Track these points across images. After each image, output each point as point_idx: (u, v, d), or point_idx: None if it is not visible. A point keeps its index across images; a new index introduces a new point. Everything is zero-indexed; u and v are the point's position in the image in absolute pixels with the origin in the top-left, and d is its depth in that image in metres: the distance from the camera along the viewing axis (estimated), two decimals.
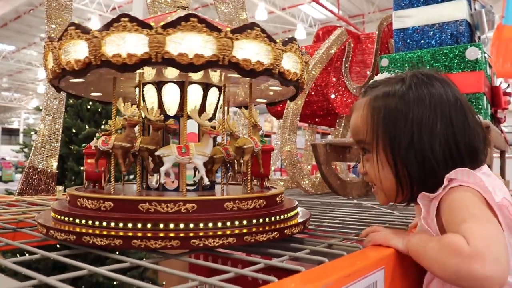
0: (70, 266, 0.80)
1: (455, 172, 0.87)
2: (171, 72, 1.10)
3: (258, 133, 1.19)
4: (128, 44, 0.89)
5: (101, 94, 1.34)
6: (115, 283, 3.03)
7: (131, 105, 1.11)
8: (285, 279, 0.67)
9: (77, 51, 0.94)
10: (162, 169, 1.03)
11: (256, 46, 0.95)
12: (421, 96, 0.93)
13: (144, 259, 2.86)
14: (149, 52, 0.89)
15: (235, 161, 1.18)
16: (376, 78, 1.04)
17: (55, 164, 2.06)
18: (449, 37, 2.32)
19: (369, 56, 3.33)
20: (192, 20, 0.89)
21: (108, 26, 0.90)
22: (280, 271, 0.94)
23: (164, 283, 3.28)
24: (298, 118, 2.69)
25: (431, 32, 2.38)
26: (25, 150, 3.66)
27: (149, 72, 1.11)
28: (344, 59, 3.05)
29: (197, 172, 1.10)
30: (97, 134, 1.20)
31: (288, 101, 2.61)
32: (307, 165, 3.75)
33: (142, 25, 0.89)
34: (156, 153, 1.05)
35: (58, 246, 0.97)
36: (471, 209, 0.82)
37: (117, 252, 0.93)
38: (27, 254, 0.93)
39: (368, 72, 3.22)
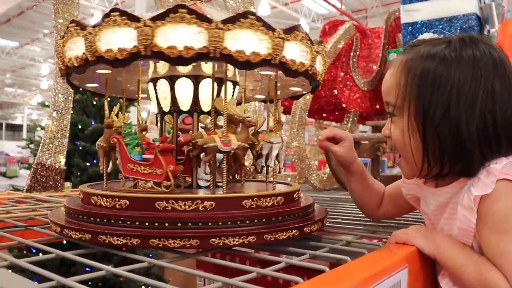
0: (77, 263, 0.78)
1: (504, 165, 0.79)
2: (184, 67, 1.08)
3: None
4: (120, 38, 0.88)
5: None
6: (121, 279, 3.02)
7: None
8: (311, 279, 0.65)
9: (76, 48, 0.94)
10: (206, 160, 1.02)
11: (251, 36, 0.90)
12: (465, 62, 0.83)
13: (150, 255, 2.85)
14: (138, 46, 0.87)
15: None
16: (421, 37, 0.97)
17: (63, 160, 2.05)
18: (458, 31, 2.29)
19: (375, 50, 3.30)
20: (181, 11, 0.86)
21: (100, 22, 0.90)
22: (301, 270, 0.92)
23: (170, 279, 3.28)
24: (307, 114, 2.67)
25: (440, 26, 2.35)
26: (30, 146, 3.65)
27: (162, 67, 1.08)
28: (351, 54, 3.02)
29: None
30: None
31: None
32: (313, 160, 3.74)
33: (131, 18, 0.87)
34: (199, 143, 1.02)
35: (65, 243, 0.95)
36: None
37: (124, 249, 0.91)
38: (34, 251, 0.91)
39: (374, 67, 3.19)
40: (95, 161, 3.27)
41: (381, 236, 1.10)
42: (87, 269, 2.78)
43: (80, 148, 3.30)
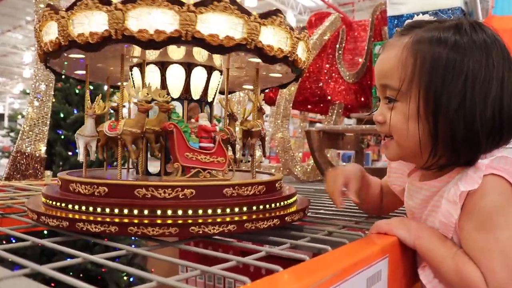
0: (59, 253, 0.76)
1: (491, 160, 0.78)
2: (176, 53, 1.06)
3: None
4: (91, 22, 0.87)
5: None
6: (103, 270, 2.99)
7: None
8: (290, 268, 0.64)
9: (51, 32, 0.93)
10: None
11: (225, 19, 0.88)
12: (478, 48, 0.78)
13: (133, 245, 2.83)
14: (109, 30, 0.85)
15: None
16: (416, 18, 0.89)
17: (43, 148, 2.01)
18: None
19: (361, 43, 3.30)
20: None
21: (72, 6, 0.89)
22: (282, 260, 0.91)
23: (153, 270, 3.26)
24: (291, 105, 2.66)
25: None
26: (11, 134, 3.58)
27: (151, 52, 1.06)
28: (337, 46, 3.02)
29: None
30: None
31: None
32: (297, 152, 3.74)
33: (103, 2, 0.86)
34: None
35: (45, 232, 0.93)
36: (498, 230, 0.76)
37: (106, 239, 0.89)
38: (14, 241, 0.89)
39: (360, 60, 3.20)
40: (77, 150, 3.23)
41: (364, 227, 1.09)
42: (69, 258, 2.75)
43: (62, 137, 3.25)
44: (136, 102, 0.99)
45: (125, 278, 3.19)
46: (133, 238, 2.47)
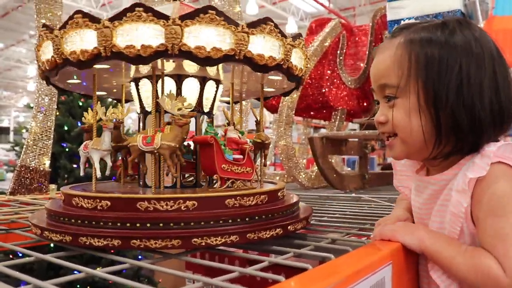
0: (66, 268, 0.76)
1: (498, 147, 0.79)
2: (167, 66, 1.07)
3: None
4: (83, 40, 0.88)
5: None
6: (110, 282, 2.99)
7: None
8: (293, 277, 0.64)
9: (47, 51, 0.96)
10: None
11: (211, 31, 0.88)
12: (468, 45, 0.81)
13: (139, 256, 2.83)
14: (98, 47, 0.87)
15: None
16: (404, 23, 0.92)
17: (47, 162, 2.02)
18: None
19: (362, 48, 3.30)
20: (138, 10, 0.85)
21: (64, 25, 0.90)
22: (285, 269, 0.91)
23: (160, 280, 3.26)
24: (294, 112, 2.66)
25: None
26: (16, 148, 3.60)
27: (144, 66, 1.07)
28: (338, 52, 3.02)
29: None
30: None
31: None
32: (302, 159, 3.73)
33: (92, 20, 0.88)
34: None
35: (52, 246, 0.94)
36: (510, 214, 0.76)
37: (112, 252, 0.89)
38: (20, 255, 0.89)
39: (361, 65, 3.20)
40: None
41: (368, 234, 1.09)
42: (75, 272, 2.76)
43: (67, 150, 3.26)
44: (174, 116, 0.99)
45: None
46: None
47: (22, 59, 18.04)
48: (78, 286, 2.95)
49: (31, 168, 1.98)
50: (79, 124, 3.34)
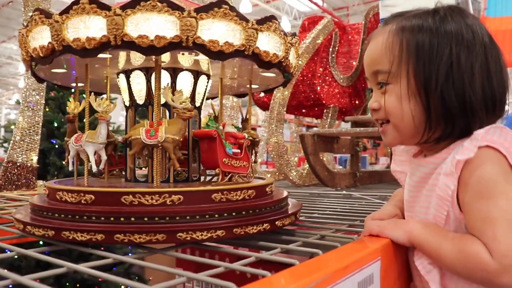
0: (53, 265, 0.74)
1: (487, 129, 0.79)
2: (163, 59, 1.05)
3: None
4: (89, 27, 0.86)
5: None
6: (100, 279, 2.97)
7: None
8: (279, 273, 0.63)
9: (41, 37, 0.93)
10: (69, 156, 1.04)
11: (224, 26, 0.88)
12: (459, 31, 0.82)
13: (130, 254, 2.81)
14: (108, 35, 0.85)
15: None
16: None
17: (35, 158, 1.99)
18: None
19: (355, 47, 3.30)
20: (153, 0, 0.84)
21: (67, 10, 0.88)
22: (272, 265, 0.90)
23: (150, 278, 3.23)
24: (285, 109, 2.65)
25: None
26: (5, 145, 3.56)
27: (136, 58, 1.05)
28: (330, 49, 3.01)
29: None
30: None
31: (274, 92, 2.57)
32: (294, 157, 3.72)
33: (101, 6, 0.85)
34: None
35: (41, 243, 0.92)
36: (498, 197, 0.75)
37: (102, 249, 0.87)
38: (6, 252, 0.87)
39: (354, 63, 3.19)
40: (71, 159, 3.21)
41: (357, 230, 1.08)
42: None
43: (56, 146, 3.23)
44: (178, 108, 0.98)
45: (122, 287, 3.17)
46: (129, 247, 2.45)
47: (13, 55, 17.89)
48: (67, 284, 2.92)
49: (18, 164, 1.95)
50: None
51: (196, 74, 1.14)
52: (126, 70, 1.13)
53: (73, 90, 1.28)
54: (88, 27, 0.85)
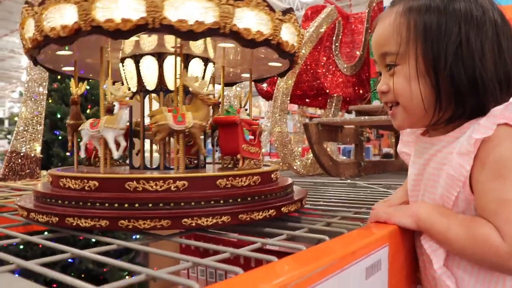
0: (57, 251, 0.74)
1: (505, 106, 0.75)
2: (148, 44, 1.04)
3: None
4: (63, 16, 0.85)
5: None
6: (105, 270, 2.97)
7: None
8: (285, 258, 0.62)
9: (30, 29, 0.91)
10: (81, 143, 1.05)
11: (194, 4, 0.84)
12: (468, 9, 0.80)
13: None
14: (78, 22, 0.83)
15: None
16: None
17: (38, 148, 1.99)
18: None
19: (358, 36, 3.27)
20: None
21: (44, 0, 0.86)
22: (278, 251, 0.89)
23: (155, 268, 3.24)
24: (289, 99, 2.63)
25: None
26: (9, 136, 3.56)
27: (127, 46, 1.04)
28: (334, 38, 2.99)
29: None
30: None
31: (278, 81, 2.55)
32: (297, 147, 3.71)
33: None
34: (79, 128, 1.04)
35: (46, 233, 0.91)
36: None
37: (108, 236, 0.87)
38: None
39: (357, 53, 3.17)
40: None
41: (364, 217, 1.07)
42: (70, 259, 2.74)
43: (60, 137, 3.22)
44: (202, 95, 0.98)
45: (127, 277, 3.17)
46: (134, 236, 2.45)
47: (16, 49, 17.88)
48: (72, 274, 2.93)
49: (22, 154, 1.95)
50: None
51: (206, 61, 1.13)
52: (135, 55, 1.10)
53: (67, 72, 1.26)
54: (62, 15, 0.83)
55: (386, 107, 0.90)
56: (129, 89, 1.04)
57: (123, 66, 1.13)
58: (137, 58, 1.10)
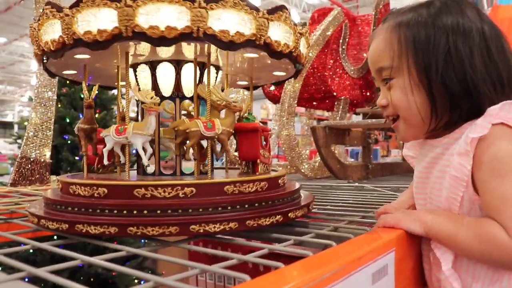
0: (68, 258, 0.75)
1: (501, 105, 0.77)
2: (166, 51, 1.05)
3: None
4: (99, 20, 0.86)
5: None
6: (113, 274, 2.99)
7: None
8: (292, 264, 0.62)
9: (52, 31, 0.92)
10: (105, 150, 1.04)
11: (235, 15, 0.88)
12: (455, 20, 0.83)
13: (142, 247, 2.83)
14: (119, 27, 0.84)
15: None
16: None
17: (48, 153, 2.01)
18: None
19: (365, 38, 3.27)
20: None
21: (77, 3, 0.87)
22: (285, 257, 0.89)
23: (163, 272, 3.25)
24: (296, 102, 2.63)
25: None
26: (19, 141, 3.60)
27: (142, 51, 1.05)
28: (341, 41, 2.99)
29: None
30: None
31: (285, 85, 2.56)
32: (305, 150, 3.71)
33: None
34: (100, 135, 1.06)
35: (55, 238, 0.92)
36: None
37: (115, 243, 0.88)
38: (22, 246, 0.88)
39: (364, 55, 3.17)
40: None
41: (371, 222, 1.07)
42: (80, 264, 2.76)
43: (69, 142, 3.25)
44: (229, 103, 1.03)
45: (135, 281, 3.19)
46: (142, 241, 2.47)
47: (26, 53, 18.04)
48: (81, 278, 2.95)
49: (31, 159, 1.97)
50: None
51: (217, 68, 1.16)
52: (151, 62, 1.12)
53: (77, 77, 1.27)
54: (99, 19, 0.85)
55: (389, 121, 0.93)
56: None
57: (135, 72, 1.14)
58: (153, 64, 1.11)
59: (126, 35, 0.84)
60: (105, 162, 1.08)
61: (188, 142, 1.01)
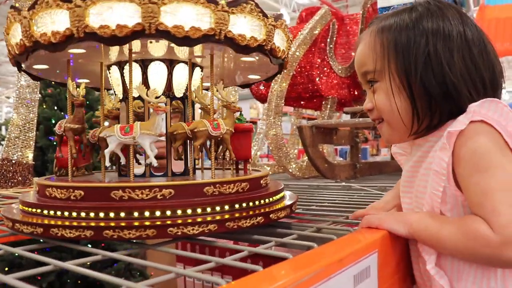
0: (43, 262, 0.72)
1: (482, 102, 0.78)
2: (157, 50, 1.03)
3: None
4: (54, 21, 0.84)
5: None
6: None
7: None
8: (272, 266, 0.61)
9: (16, 34, 0.89)
10: (107, 151, 1.00)
11: (190, 10, 0.85)
12: (435, 24, 0.84)
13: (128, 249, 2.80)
14: (71, 28, 0.82)
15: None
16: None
17: (30, 155, 1.98)
18: None
19: (353, 37, 3.27)
20: None
21: (33, 5, 0.85)
22: (266, 259, 0.88)
23: (152, 273, 3.22)
24: (283, 101, 2.62)
25: None
26: (2, 142, 3.55)
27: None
28: (328, 40, 2.98)
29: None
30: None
31: (272, 84, 2.54)
32: (293, 149, 3.69)
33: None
34: (101, 135, 1.01)
35: (41, 241, 0.89)
36: (494, 169, 0.74)
37: (103, 245, 0.85)
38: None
39: (352, 54, 3.16)
40: None
41: (355, 222, 1.06)
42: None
43: (55, 143, 3.21)
44: (230, 103, 1.05)
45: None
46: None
47: None
48: (68, 281, 2.91)
49: (13, 161, 1.94)
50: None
51: (192, 66, 1.12)
52: (143, 60, 1.09)
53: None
54: (54, 21, 0.83)
55: (376, 124, 0.94)
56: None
57: (122, 71, 1.10)
58: (145, 63, 1.08)
59: (78, 36, 0.82)
60: (107, 163, 1.04)
61: (194, 142, 1.02)
